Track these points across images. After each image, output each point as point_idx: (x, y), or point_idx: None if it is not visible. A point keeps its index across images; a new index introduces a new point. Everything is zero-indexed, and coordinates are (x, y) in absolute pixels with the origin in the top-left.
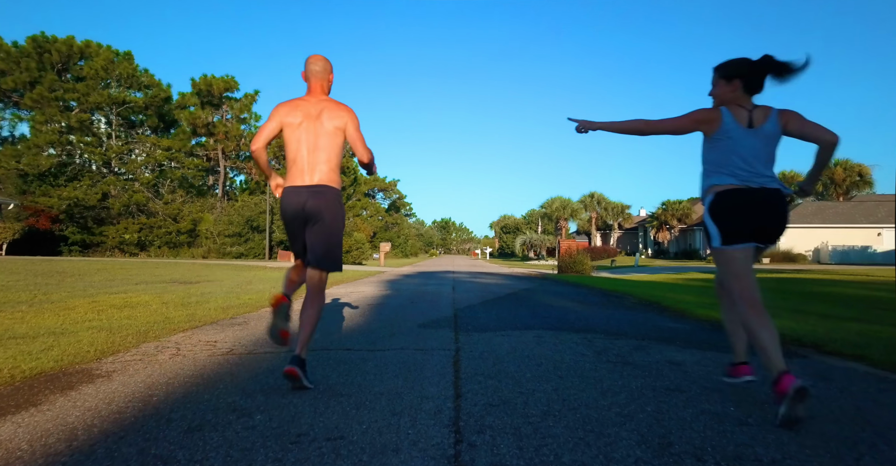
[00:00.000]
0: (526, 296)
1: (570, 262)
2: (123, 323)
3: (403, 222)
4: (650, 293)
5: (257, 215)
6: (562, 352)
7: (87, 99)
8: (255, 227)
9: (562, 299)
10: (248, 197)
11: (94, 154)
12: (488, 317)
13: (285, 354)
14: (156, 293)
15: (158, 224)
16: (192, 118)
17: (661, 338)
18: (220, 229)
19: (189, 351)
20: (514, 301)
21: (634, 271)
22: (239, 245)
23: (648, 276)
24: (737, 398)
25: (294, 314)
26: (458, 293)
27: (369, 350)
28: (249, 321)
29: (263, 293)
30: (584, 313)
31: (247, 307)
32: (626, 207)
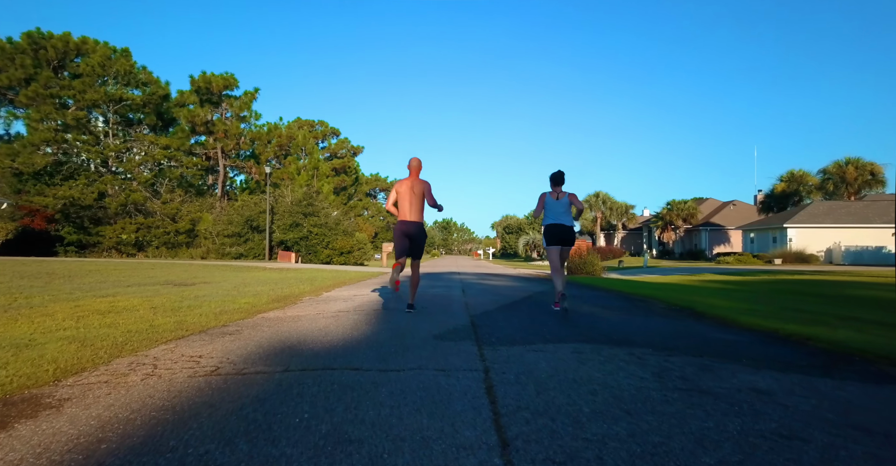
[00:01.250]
0: (544, 300)
1: (580, 263)
2: (101, 333)
3: None
4: (676, 297)
5: (257, 214)
6: (614, 374)
7: (83, 96)
8: (254, 227)
9: (583, 303)
10: (247, 197)
11: (91, 153)
12: (511, 326)
13: (279, 375)
14: (147, 295)
15: (156, 224)
16: (190, 116)
17: (721, 354)
18: (219, 229)
19: (167, 370)
20: (533, 306)
21: (644, 272)
22: (238, 245)
23: (662, 277)
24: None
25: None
26: (470, 297)
27: (381, 371)
28: (243, 329)
29: (261, 295)
30: (616, 320)
31: (242, 312)
32: (630, 207)
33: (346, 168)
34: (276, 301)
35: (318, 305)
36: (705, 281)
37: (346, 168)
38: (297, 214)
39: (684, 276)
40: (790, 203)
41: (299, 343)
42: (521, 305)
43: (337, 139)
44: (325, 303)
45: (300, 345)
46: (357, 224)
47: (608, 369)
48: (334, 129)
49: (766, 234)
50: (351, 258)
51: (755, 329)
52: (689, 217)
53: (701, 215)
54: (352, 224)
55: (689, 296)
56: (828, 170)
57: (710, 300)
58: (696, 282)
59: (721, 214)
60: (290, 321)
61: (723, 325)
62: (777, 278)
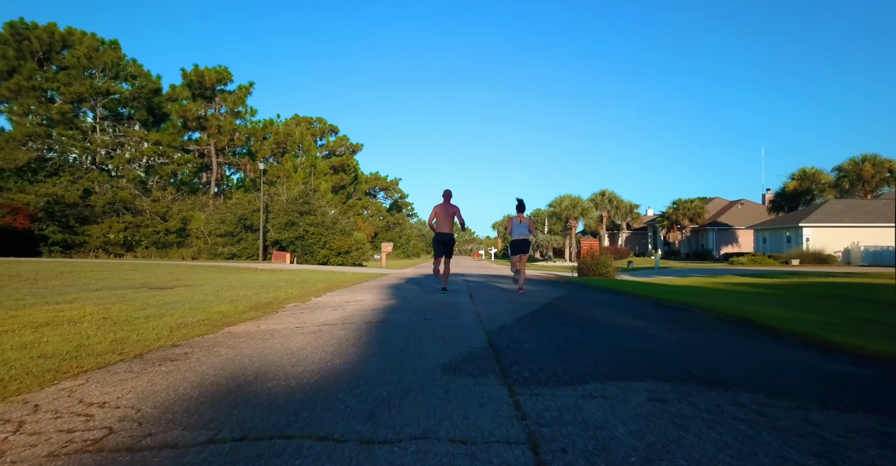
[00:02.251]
0: (567, 308)
1: (592, 264)
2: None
3: (405, 222)
4: (719, 304)
5: (251, 213)
6: (753, 455)
7: (68, 89)
8: (248, 226)
9: (614, 312)
10: (242, 195)
11: (77, 148)
12: (542, 348)
13: (195, 452)
14: (109, 302)
15: (145, 223)
16: (182, 111)
17: (874, 406)
18: (211, 229)
19: (24, 443)
20: (559, 317)
21: (657, 273)
22: (231, 245)
23: (681, 279)
24: None
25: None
26: (480, 304)
27: (363, 442)
28: (193, 352)
29: (239, 301)
30: (673, 340)
31: (206, 325)
32: (634, 206)
33: (344, 166)
34: (253, 310)
35: (301, 314)
36: (733, 284)
37: (344, 166)
38: (292, 212)
39: (705, 278)
40: (801, 202)
41: (256, 379)
42: (544, 316)
43: (336, 137)
44: (311, 312)
45: (255, 383)
46: (355, 223)
47: (729, 440)
48: (333, 126)
49: (780, 234)
50: (349, 259)
51: (864, 354)
52: (695, 217)
53: (708, 214)
54: (350, 223)
55: (732, 303)
56: (843, 167)
57: (759, 308)
58: (723, 285)
59: (728, 213)
60: (259, 338)
61: (811, 345)
62: (809, 280)
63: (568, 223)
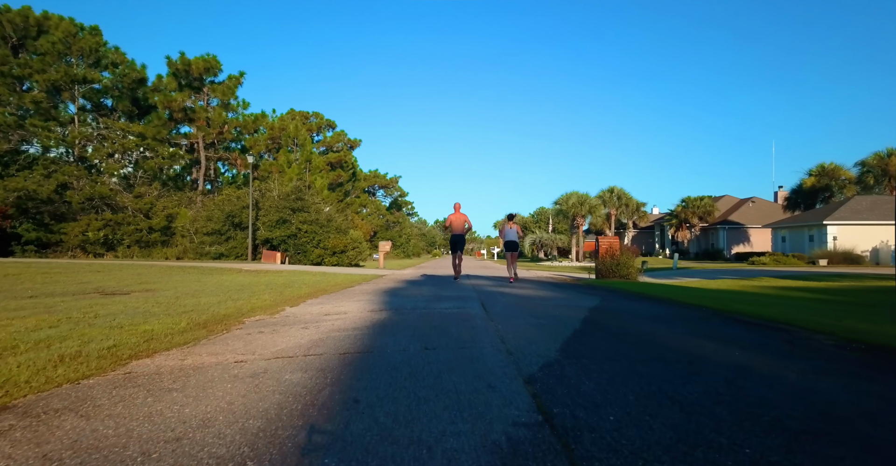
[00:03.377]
0: (617, 327)
1: (612, 264)
2: None
3: (405, 221)
4: (806, 319)
5: (240, 210)
6: None
7: (42, 76)
8: (237, 224)
9: (688, 335)
10: (231, 191)
11: (51, 140)
12: (640, 420)
13: None
14: (24, 314)
15: (127, 221)
16: (167, 101)
17: None
18: (197, 227)
19: None
20: (617, 343)
21: (679, 274)
22: (219, 244)
23: (715, 282)
24: None
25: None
26: (500, 319)
27: None
28: (70, 409)
29: (193, 313)
30: (831, 394)
31: (109, 357)
32: (641, 204)
33: (342, 163)
34: (199, 327)
35: (258, 336)
36: (780, 288)
37: (342, 163)
38: (284, 209)
39: (740, 281)
40: (819, 200)
41: None
42: (596, 340)
43: (333, 132)
44: (273, 332)
45: None
46: (352, 221)
47: None
48: (330, 121)
49: (801, 232)
50: (345, 259)
51: None
52: (705, 215)
53: (718, 212)
54: (346, 221)
55: (816, 316)
56: (867, 162)
57: (865, 324)
58: (770, 290)
59: (739, 212)
60: (157, 390)
61: None
62: (867, 284)
63: (575, 221)
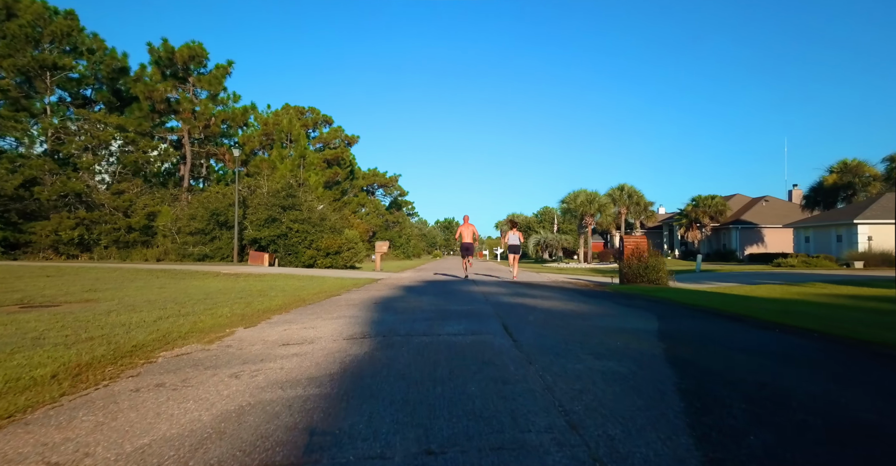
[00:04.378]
0: (743, 380)
1: (640, 268)
2: None
3: (405, 221)
4: None
5: (226, 207)
6: None
7: (8, 61)
8: (223, 222)
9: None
10: (219, 187)
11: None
12: None
13: None
14: None
15: (104, 219)
16: (147, 91)
17: None
18: (180, 226)
19: None
20: (808, 437)
21: (709, 278)
22: (203, 245)
23: (763, 289)
24: None
25: None
26: (541, 361)
27: None
28: None
29: (107, 340)
30: None
31: None
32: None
33: (339, 160)
34: (43, 383)
35: (128, 407)
36: (860, 298)
37: (339, 160)
38: (273, 207)
39: (791, 287)
40: (839, 198)
41: None
42: (745, 423)
43: (329, 128)
44: (173, 390)
45: None
46: (347, 220)
47: None
48: (326, 116)
49: (827, 232)
50: (339, 260)
51: None
52: (717, 215)
53: (730, 212)
54: (341, 220)
55: None
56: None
57: None
58: (848, 299)
59: (752, 211)
60: None
61: None
62: None
63: (583, 221)
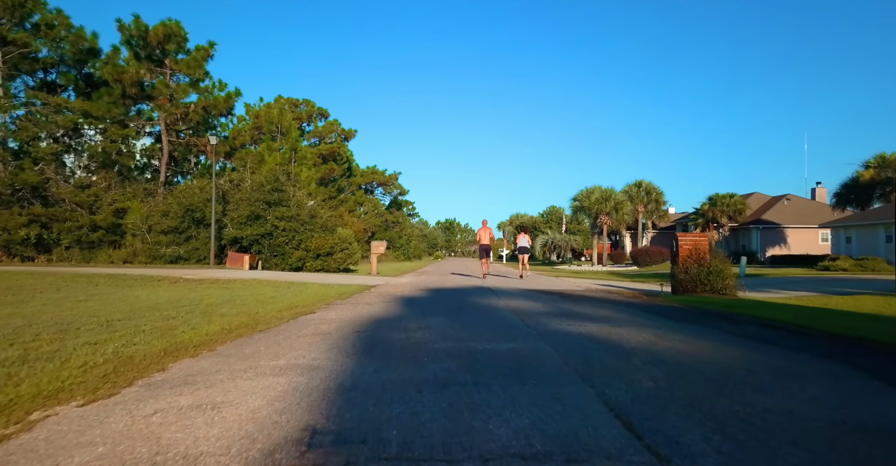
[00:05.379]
0: None
1: (698, 273)
2: None
3: (405, 221)
4: None
5: (203, 203)
6: None
7: None
8: (199, 220)
9: None
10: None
11: None
12: None
13: None
14: None
15: (63, 216)
16: (116, 73)
17: None
18: (151, 223)
19: None
20: None
21: (765, 284)
22: (177, 245)
23: (863, 301)
24: None
25: None
26: None
27: None
28: None
29: None
30: None
31: None
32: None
33: (335, 155)
34: None
35: None
36: None
37: (335, 155)
38: (257, 202)
39: (890, 297)
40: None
41: None
42: None
43: (325, 122)
44: None
45: None
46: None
47: None
48: (322, 109)
49: (874, 232)
50: (331, 262)
51: None
52: (735, 214)
53: (750, 211)
54: (333, 217)
55: None
56: None
57: None
58: None
59: (773, 210)
60: None
61: None
62: None
63: (598, 220)
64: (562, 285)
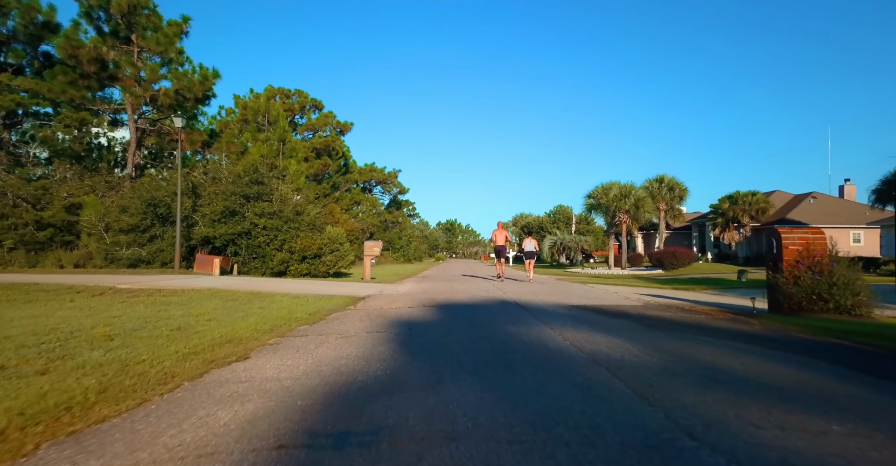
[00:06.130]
0: None
1: (820, 286)
2: None
3: (406, 222)
4: None
5: (170, 197)
6: None
7: None
8: (164, 217)
9: None
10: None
11: None
12: None
13: None
14: None
15: (4, 212)
16: (71, 48)
17: None
18: (109, 221)
19: None
20: None
21: None
22: (139, 246)
23: None
24: None
25: None
26: None
27: None
28: None
29: None
30: None
31: None
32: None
33: (329, 149)
34: None
35: None
36: None
37: (329, 149)
38: (233, 197)
39: None
40: None
41: None
42: None
43: (319, 113)
44: None
45: None
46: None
47: None
48: (315, 100)
49: None
50: (319, 266)
51: None
52: (758, 213)
53: (773, 210)
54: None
55: None
56: None
57: None
58: None
59: (799, 209)
60: None
61: None
62: None
63: (616, 218)
64: (605, 297)
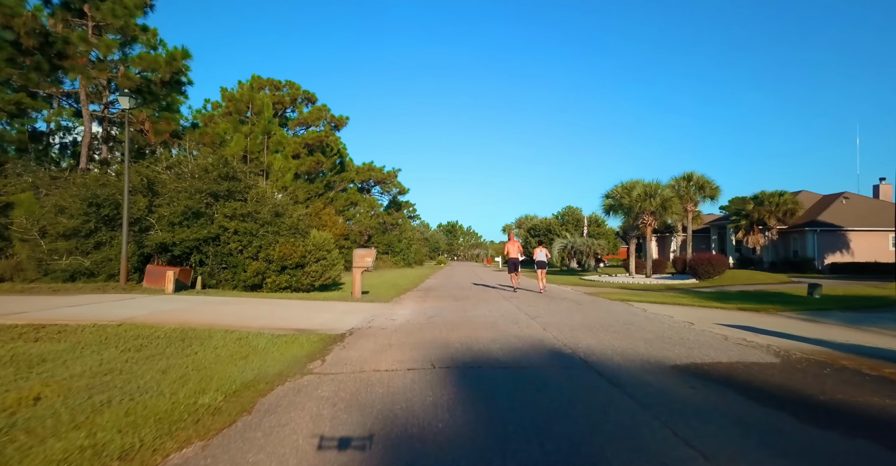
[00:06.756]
0: None
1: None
2: None
3: (406, 224)
4: None
5: (115, 196)
6: None
7: None
8: (110, 218)
9: None
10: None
11: None
12: None
13: None
14: None
15: None
16: (3, 16)
17: None
18: (44, 224)
19: None
20: None
21: None
22: (83, 254)
23: None
24: None
25: None
26: None
27: None
28: None
29: None
30: None
31: None
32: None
33: (322, 145)
34: None
35: None
36: None
37: (322, 145)
38: (198, 194)
39: None
40: None
41: None
42: None
43: (312, 106)
44: None
45: None
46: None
47: None
48: (308, 92)
49: None
50: (302, 277)
51: None
52: (786, 215)
53: (801, 211)
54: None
55: None
56: None
57: None
58: None
59: (831, 210)
60: None
61: None
62: None
63: (639, 220)
64: (698, 340)
